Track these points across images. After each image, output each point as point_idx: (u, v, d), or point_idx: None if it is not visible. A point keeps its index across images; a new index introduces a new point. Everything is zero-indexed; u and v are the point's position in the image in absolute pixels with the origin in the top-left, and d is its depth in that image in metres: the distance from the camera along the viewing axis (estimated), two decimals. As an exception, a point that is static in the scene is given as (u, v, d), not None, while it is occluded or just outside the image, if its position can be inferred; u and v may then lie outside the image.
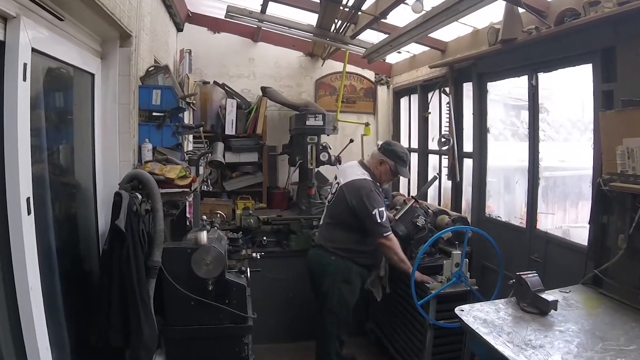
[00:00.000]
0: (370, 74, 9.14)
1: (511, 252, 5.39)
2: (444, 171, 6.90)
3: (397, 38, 5.97)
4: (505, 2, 5.04)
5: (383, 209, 5.20)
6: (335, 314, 5.36)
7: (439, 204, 7.34)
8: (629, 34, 3.91)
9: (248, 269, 4.33)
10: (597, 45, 4.28)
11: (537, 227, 5.30)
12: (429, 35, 6.07)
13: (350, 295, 5.36)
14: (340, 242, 5.33)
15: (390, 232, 5.22)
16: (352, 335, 6.35)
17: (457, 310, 3.86)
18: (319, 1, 6.53)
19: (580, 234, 4.63)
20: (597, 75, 4.38)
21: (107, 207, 3.65)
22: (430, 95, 7.57)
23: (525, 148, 5.42)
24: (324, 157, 7.22)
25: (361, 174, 5.41)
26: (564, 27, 4.42)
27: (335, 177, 6.01)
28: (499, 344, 3.27)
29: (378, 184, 5.43)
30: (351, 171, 5.52)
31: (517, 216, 5.81)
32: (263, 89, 8.02)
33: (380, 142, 5.94)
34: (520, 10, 5.04)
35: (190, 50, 7.74)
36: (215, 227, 4.71)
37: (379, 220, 5.14)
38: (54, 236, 3.14)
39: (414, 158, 8.16)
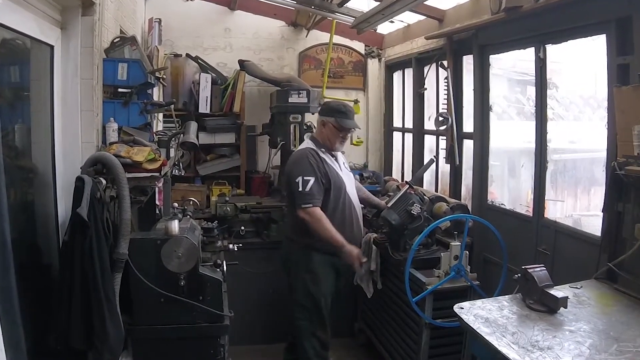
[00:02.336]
0: (359, 46, 9.10)
1: (516, 243, 5.40)
2: (442, 154, 6.91)
3: (390, 6, 5.93)
4: (510, -34, 5.03)
5: (312, 178, 5.17)
6: (304, 307, 5.39)
7: (436, 190, 7.34)
8: (647, 1, 3.91)
9: (224, 262, 4.33)
10: (612, 14, 4.26)
11: (545, 215, 5.30)
12: (424, 2, 6.05)
13: (315, 286, 5.34)
14: (297, 228, 5.36)
15: (312, 206, 5.15)
16: (339, 335, 6.37)
17: (456, 308, 3.85)
18: (302, -36, 6.49)
19: (593, 224, 4.65)
20: (611, 48, 4.36)
21: (68, 193, 3.63)
22: (426, 69, 7.53)
23: (532, 128, 5.39)
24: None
25: (304, 145, 5.56)
26: (575, -6, 4.41)
27: None
28: (503, 346, 3.25)
29: (323, 149, 5.44)
30: (299, 147, 5.68)
31: (522, 204, 5.84)
32: (241, 62, 7.99)
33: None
34: (527, -26, 5.02)
35: (159, 19, 7.64)
36: (188, 216, 4.71)
37: (300, 189, 5.15)
38: (8, 226, 3.10)
39: (408, 139, 8.18)
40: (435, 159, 6.92)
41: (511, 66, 6.38)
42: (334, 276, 5.46)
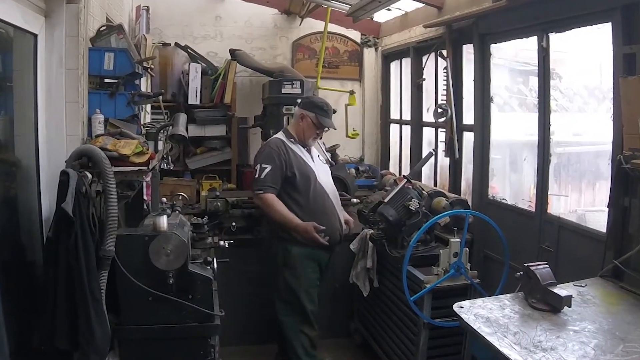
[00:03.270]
0: (355, 35, 9.11)
1: (518, 240, 5.41)
2: (441, 147, 6.91)
3: (387, -8, 5.94)
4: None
5: (268, 166, 5.38)
6: (286, 303, 5.48)
7: (435, 185, 7.35)
8: (654, -12, 3.90)
9: (215, 260, 4.31)
10: (617, 1, 4.26)
11: (548, 211, 5.31)
12: (423, -11, 6.05)
13: (295, 281, 5.42)
14: (273, 221, 5.50)
15: (263, 192, 5.37)
16: (334, 336, 6.38)
17: (455, 307, 3.85)
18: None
19: (598, 219, 4.65)
20: (617, 36, 4.35)
21: (53, 188, 3.63)
22: (424, 59, 7.55)
23: (535, 120, 5.40)
24: (302, 130, 7.20)
25: (274, 136, 5.73)
26: (579, -20, 4.41)
27: None
28: (504, 346, 3.25)
29: (292, 140, 5.58)
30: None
31: (525, 198, 5.84)
32: (232, 51, 7.99)
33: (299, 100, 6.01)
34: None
35: (147, 7, 7.61)
36: (177, 211, 4.69)
37: (256, 175, 5.41)
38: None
39: (406, 131, 8.18)
40: (434, 152, 6.93)
41: (513, 56, 6.38)
42: (315, 269, 5.52)
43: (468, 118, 6.50)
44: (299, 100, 6.10)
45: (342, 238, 5.69)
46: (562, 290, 3.74)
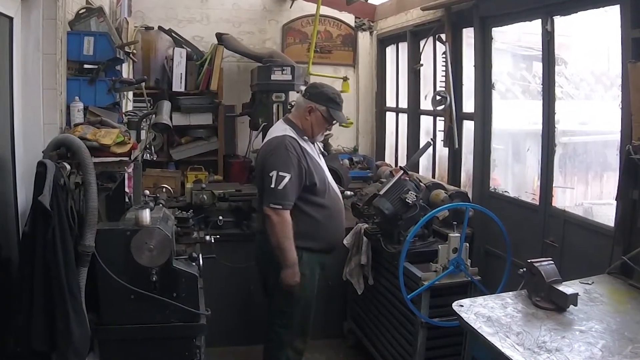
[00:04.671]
0: (349, 18, 9.09)
1: (521, 234, 5.43)
2: (440, 136, 6.91)
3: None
4: None
5: (287, 175, 4.92)
6: (286, 314, 5.24)
7: (433, 176, 7.36)
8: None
9: (200, 256, 4.31)
10: (627, -18, 4.26)
11: (553, 204, 5.32)
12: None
13: (303, 292, 5.18)
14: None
15: (282, 208, 4.93)
16: (327, 336, 6.38)
17: (455, 305, 3.86)
18: None
19: (606, 213, 4.66)
20: (625, 19, 4.34)
21: (29, 179, 3.62)
22: (422, 43, 7.53)
23: (539, 108, 5.41)
24: (293, 118, 7.18)
25: (281, 131, 5.23)
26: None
27: None
28: (507, 347, 3.26)
29: (305, 138, 5.26)
30: (273, 131, 5.40)
31: (528, 191, 5.85)
32: (219, 36, 7.97)
33: (302, 88, 5.89)
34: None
35: (129, -13, 7.61)
36: (161, 205, 4.71)
37: (273, 185, 4.91)
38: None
39: (402, 120, 8.18)
40: (432, 142, 6.90)
41: (516, 40, 6.38)
42: (320, 275, 5.39)
43: (468, 106, 6.50)
44: (302, 88, 5.92)
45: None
46: (567, 288, 3.75)
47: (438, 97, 6.63)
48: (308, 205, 5.13)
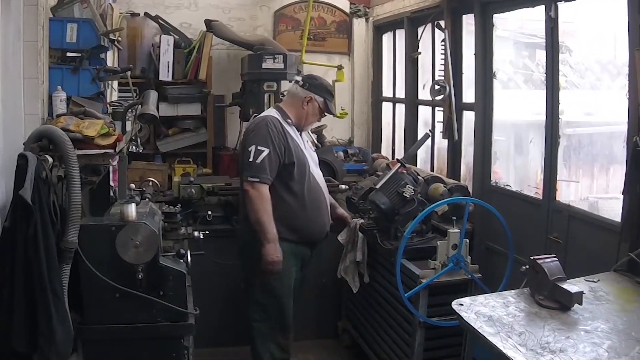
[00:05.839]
0: (344, 4, 9.07)
1: (524, 230, 5.43)
2: (438, 127, 6.91)
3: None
4: None
5: (265, 150, 5.08)
6: (263, 307, 5.33)
7: (432, 169, 7.36)
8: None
9: (188, 252, 4.33)
10: (635, -35, 4.25)
11: (557, 198, 5.30)
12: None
13: (278, 282, 5.27)
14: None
15: (259, 181, 5.06)
16: (320, 336, 6.37)
17: (454, 304, 3.84)
18: None
19: (612, 207, 4.66)
20: (633, 5, 4.32)
21: (9, 173, 3.60)
22: (420, 30, 7.53)
23: (542, 98, 5.39)
24: (285, 108, 7.19)
25: (266, 113, 5.51)
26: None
27: None
28: (509, 348, 3.24)
29: (289, 121, 5.39)
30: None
31: (531, 185, 5.86)
32: (207, 22, 7.95)
33: (299, 78, 5.91)
34: None
35: (113, -28, 7.58)
36: (147, 199, 4.71)
37: (251, 159, 5.06)
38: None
39: (399, 110, 8.18)
40: (430, 134, 6.90)
41: (518, 27, 6.39)
42: (298, 267, 5.46)
43: (468, 96, 6.49)
44: (298, 79, 5.96)
45: (327, 235, 5.64)
46: (572, 286, 3.74)
47: (437, 87, 6.62)
48: (283, 189, 5.24)
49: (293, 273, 5.37)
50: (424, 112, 7.72)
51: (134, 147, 5.96)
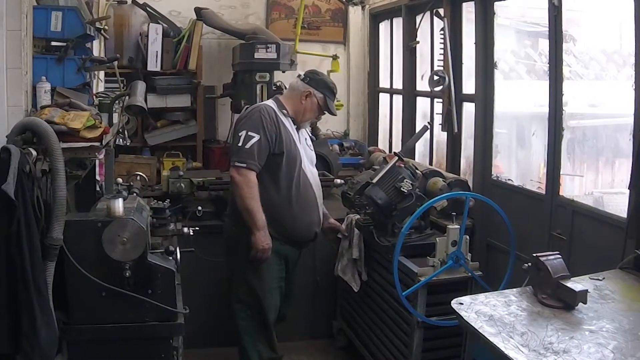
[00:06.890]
0: (339, -9, 9.05)
1: (526, 226, 5.44)
2: (437, 119, 6.91)
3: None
4: None
5: (256, 136, 5.11)
6: (245, 304, 5.38)
7: (431, 163, 7.38)
8: None
9: (178, 249, 4.30)
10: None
11: (561, 193, 5.30)
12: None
13: (258, 280, 5.31)
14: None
15: (246, 166, 5.09)
16: (315, 337, 6.37)
17: (454, 303, 3.83)
18: None
19: (618, 203, 4.67)
20: (639, -8, 4.34)
21: (-9, 167, 3.56)
22: (418, 19, 7.53)
23: (545, 89, 5.38)
24: (278, 100, 7.19)
25: (262, 102, 5.58)
26: None
27: None
28: (510, 348, 3.23)
29: (285, 112, 5.39)
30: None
31: (533, 179, 5.85)
32: (197, 10, 7.96)
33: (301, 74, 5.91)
34: None
35: (99, -42, 7.57)
36: (134, 194, 4.72)
37: (240, 144, 5.11)
38: None
39: (397, 102, 8.18)
40: (429, 126, 6.89)
41: (520, 15, 6.38)
42: (282, 266, 5.46)
43: (468, 87, 6.50)
44: (300, 74, 5.96)
45: (317, 236, 5.64)
46: (576, 284, 3.73)
47: (436, 77, 6.63)
48: (269, 180, 5.26)
49: (275, 272, 5.38)
50: (422, 103, 7.73)
51: (121, 140, 5.97)
